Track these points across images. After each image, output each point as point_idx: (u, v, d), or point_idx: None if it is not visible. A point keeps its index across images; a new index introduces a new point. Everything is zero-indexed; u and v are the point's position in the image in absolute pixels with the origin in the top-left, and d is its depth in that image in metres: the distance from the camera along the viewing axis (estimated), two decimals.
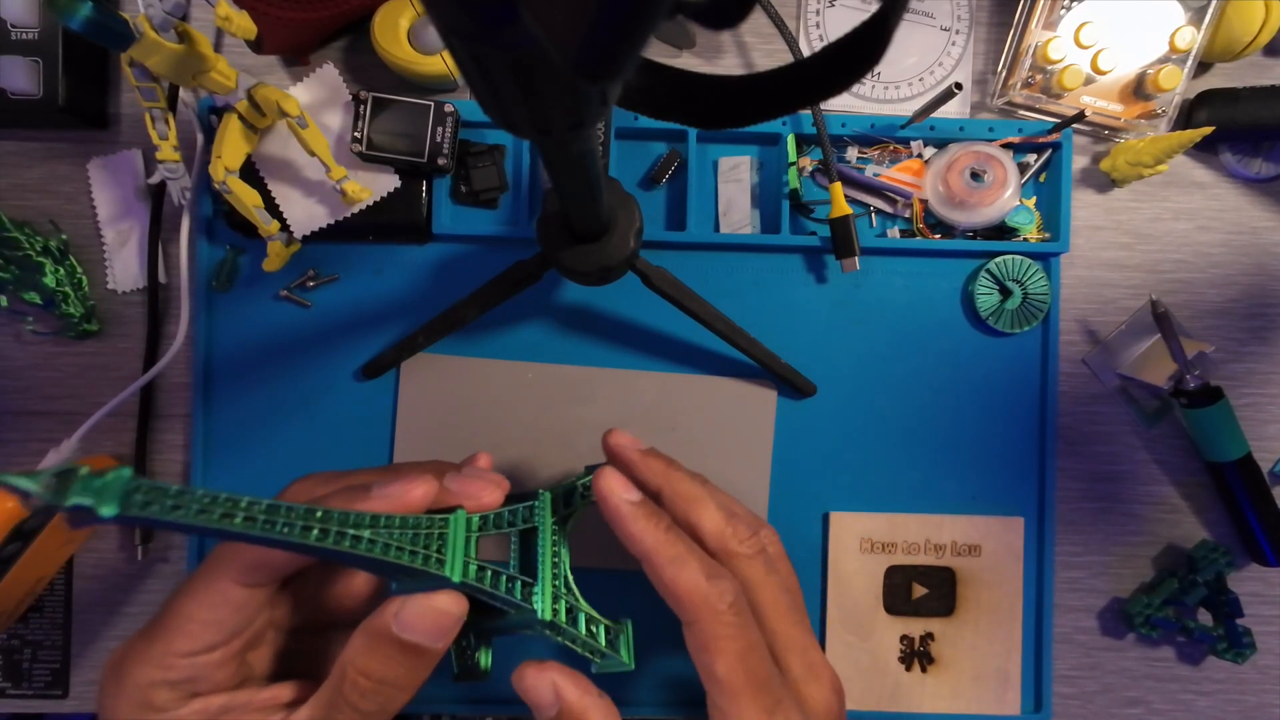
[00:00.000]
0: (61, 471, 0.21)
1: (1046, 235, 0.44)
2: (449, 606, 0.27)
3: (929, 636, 0.44)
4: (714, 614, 0.28)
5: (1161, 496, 0.46)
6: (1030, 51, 0.43)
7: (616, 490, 0.30)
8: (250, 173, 0.41)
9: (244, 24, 0.35)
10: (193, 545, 0.43)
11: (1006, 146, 0.43)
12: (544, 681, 0.28)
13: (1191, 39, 0.43)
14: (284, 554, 0.28)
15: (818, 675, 0.31)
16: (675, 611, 0.29)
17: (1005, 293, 0.44)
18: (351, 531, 0.25)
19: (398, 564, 0.26)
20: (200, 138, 0.42)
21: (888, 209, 0.45)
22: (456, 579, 0.27)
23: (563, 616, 0.30)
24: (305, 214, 0.41)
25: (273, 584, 0.28)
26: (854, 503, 0.45)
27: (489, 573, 0.29)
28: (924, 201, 0.44)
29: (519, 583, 0.29)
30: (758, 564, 0.32)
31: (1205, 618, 0.45)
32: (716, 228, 0.44)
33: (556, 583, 0.30)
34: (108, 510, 0.21)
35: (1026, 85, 0.44)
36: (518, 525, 0.31)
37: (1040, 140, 0.43)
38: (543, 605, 0.29)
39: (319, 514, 0.25)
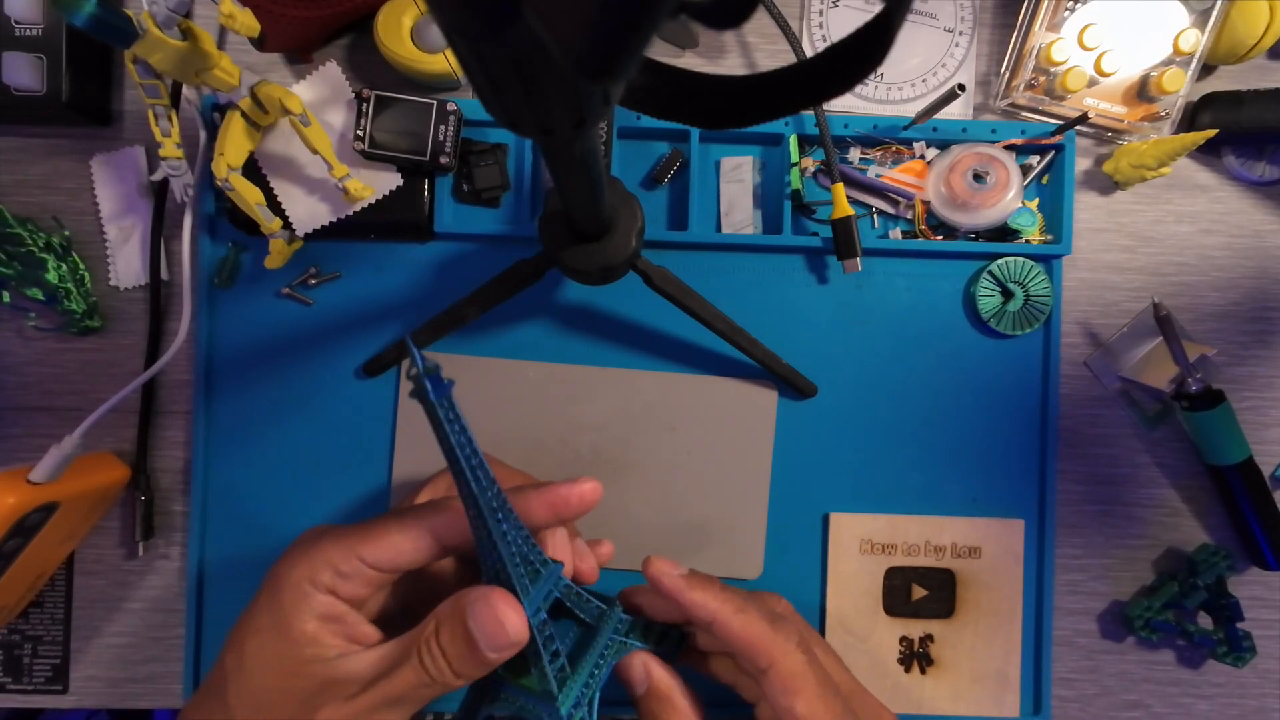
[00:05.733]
0: None
1: (1049, 237, 0.44)
2: (513, 621, 0.28)
3: (928, 638, 0.44)
4: (786, 654, 0.30)
5: (1162, 499, 0.46)
6: (1034, 53, 0.43)
7: (667, 570, 0.34)
8: (253, 170, 0.41)
9: (247, 21, 0.35)
10: (193, 544, 0.43)
11: (1009, 148, 0.43)
12: (635, 661, 0.33)
13: (1195, 41, 0.43)
14: (452, 537, 0.30)
15: (880, 716, 0.34)
16: (749, 663, 0.31)
17: (1007, 294, 0.44)
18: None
19: (515, 565, 0.28)
20: (203, 135, 0.42)
21: (890, 210, 0.45)
22: (530, 615, 0.28)
23: None
24: (307, 212, 0.41)
25: (437, 557, 0.31)
26: (854, 504, 0.45)
27: (549, 634, 0.30)
28: (926, 203, 0.44)
29: (562, 663, 0.30)
30: (801, 621, 0.36)
31: (1205, 621, 0.45)
32: (718, 228, 0.44)
33: (588, 690, 0.31)
34: None
35: (1030, 87, 0.44)
36: (585, 618, 0.32)
37: (1043, 142, 0.43)
38: (565, 700, 0.30)
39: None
